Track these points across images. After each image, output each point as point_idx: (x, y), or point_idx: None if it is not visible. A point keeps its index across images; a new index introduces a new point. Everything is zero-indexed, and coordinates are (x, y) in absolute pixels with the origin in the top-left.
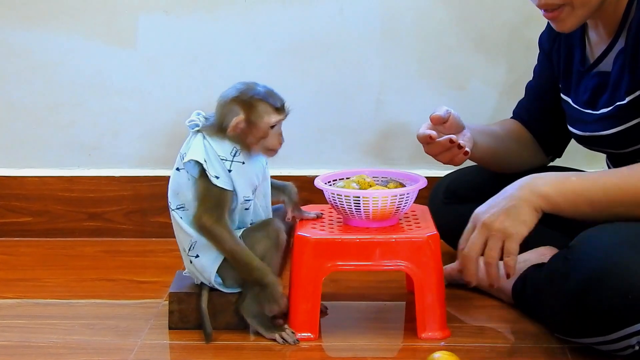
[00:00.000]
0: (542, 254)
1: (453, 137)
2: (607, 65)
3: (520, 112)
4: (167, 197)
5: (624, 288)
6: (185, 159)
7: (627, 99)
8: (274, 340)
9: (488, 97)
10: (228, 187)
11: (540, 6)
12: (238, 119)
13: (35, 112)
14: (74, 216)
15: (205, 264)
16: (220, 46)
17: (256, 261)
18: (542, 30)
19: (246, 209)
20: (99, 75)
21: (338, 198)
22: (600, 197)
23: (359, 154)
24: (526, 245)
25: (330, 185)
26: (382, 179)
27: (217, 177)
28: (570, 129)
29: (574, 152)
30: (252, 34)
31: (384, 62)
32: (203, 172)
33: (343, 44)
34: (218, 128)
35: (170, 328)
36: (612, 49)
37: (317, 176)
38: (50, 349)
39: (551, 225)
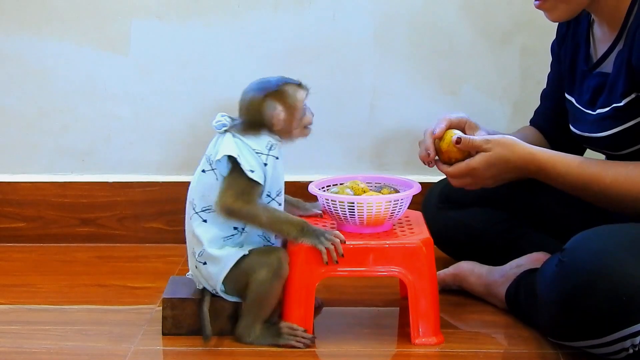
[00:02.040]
0: (535, 259)
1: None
2: (608, 66)
3: (537, 119)
4: (190, 199)
5: (618, 290)
6: (218, 156)
7: (623, 102)
8: (293, 346)
9: (480, 103)
10: (261, 180)
11: None
12: (278, 109)
13: (28, 118)
14: (67, 222)
15: (212, 272)
16: (213, 52)
17: (295, 219)
18: (533, 36)
19: None
20: (91, 81)
21: (332, 204)
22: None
23: (353, 160)
24: (520, 251)
25: (324, 191)
26: (376, 185)
27: (252, 171)
28: (573, 129)
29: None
30: (245, 40)
31: (377, 67)
32: (234, 168)
33: (336, 49)
34: (252, 127)
35: (163, 334)
36: (613, 49)
37: (310, 182)
38: (43, 355)
39: (544, 231)
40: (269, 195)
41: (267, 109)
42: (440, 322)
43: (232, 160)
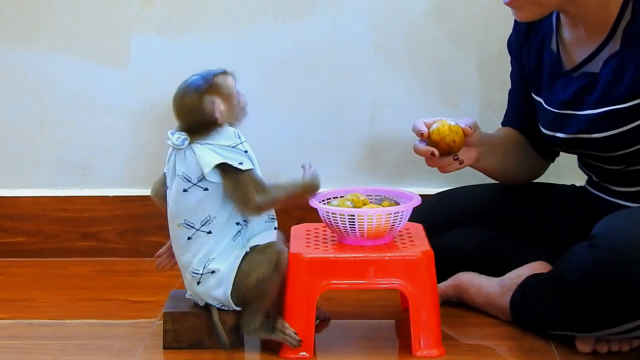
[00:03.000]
0: (534, 269)
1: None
2: (594, 66)
3: (509, 120)
4: (178, 224)
5: None
6: (207, 170)
7: (627, 105)
8: (281, 341)
9: (480, 114)
10: (252, 166)
11: None
12: (217, 103)
13: (28, 132)
14: (68, 236)
15: (220, 277)
16: (213, 65)
17: (302, 181)
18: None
19: None
20: (91, 94)
21: (332, 216)
22: None
23: (353, 172)
24: (516, 266)
25: (324, 203)
26: (376, 197)
27: (241, 163)
28: (546, 132)
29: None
30: (244, 52)
31: (377, 78)
32: (226, 171)
33: (336, 60)
34: (201, 128)
35: (164, 348)
36: (601, 50)
37: None
38: None
39: (539, 244)
40: None
41: (207, 106)
42: (441, 334)
43: (219, 166)
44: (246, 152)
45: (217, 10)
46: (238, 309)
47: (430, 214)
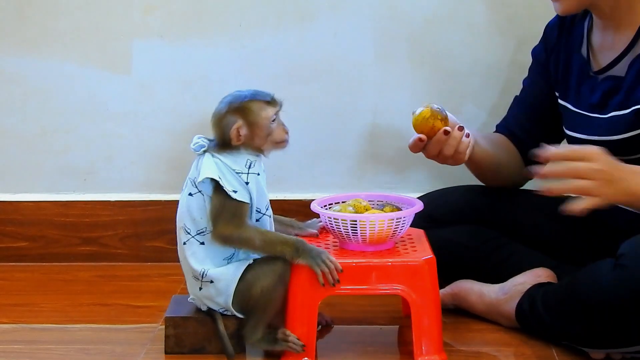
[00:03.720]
0: (537, 275)
1: (447, 128)
2: (620, 69)
3: (508, 125)
4: (181, 225)
5: None
6: (200, 178)
7: None
8: (284, 350)
9: (483, 121)
10: (246, 199)
11: None
12: (237, 125)
13: (30, 138)
14: (69, 241)
15: (221, 287)
16: (215, 71)
17: (289, 239)
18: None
19: (257, 220)
20: (93, 100)
21: (335, 222)
22: None
23: (355, 178)
24: (514, 268)
25: (326, 209)
26: (378, 203)
27: (235, 192)
28: (571, 133)
29: None
30: (247, 58)
31: (379, 85)
32: (217, 189)
33: (337, 67)
34: (222, 144)
35: (166, 353)
36: (627, 53)
37: (312, 200)
38: None
39: (534, 247)
40: (259, 211)
41: (227, 125)
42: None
43: (214, 181)
44: (247, 183)
45: (219, 17)
46: (241, 316)
47: (429, 208)
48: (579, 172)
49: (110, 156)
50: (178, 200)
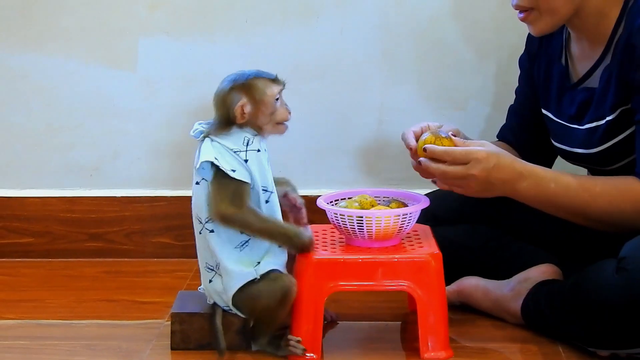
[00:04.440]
0: (543, 272)
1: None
2: (594, 81)
3: (505, 134)
4: (195, 215)
5: None
6: (198, 164)
7: (613, 115)
8: (287, 356)
9: (487, 118)
10: (246, 179)
11: (513, 6)
12: (242, 102)
13: (36, 134)
14: (75, 237)
15: (226, 285)
16: (220, 67)
17: (289, 231)
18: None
19: (266, 201)
20: (99, 97)
21: (341, 218)
22: (566, 207)
23: (361, 175)
24: (518, 266)
25: (333, 205)
26: (384, 199)
27: (234, 170)
28: (556, 144)
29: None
30: (252, 55)
31: (385, 82)
32: (217, 172)
33: (343, 64)
34: (224, 123)
35: (172, 349)
36: (599, 65)
37: (319, 196)
38: None
39: (545, 247)
40: (265, 190)
41: (233, 102)
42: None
43: (214, 166)
44: (247, 161)
45: (224, 14)
46: (244, 316)
47: (431, 206)
48: (446, 175)
49: (116, 152)
50: (184, 196)
